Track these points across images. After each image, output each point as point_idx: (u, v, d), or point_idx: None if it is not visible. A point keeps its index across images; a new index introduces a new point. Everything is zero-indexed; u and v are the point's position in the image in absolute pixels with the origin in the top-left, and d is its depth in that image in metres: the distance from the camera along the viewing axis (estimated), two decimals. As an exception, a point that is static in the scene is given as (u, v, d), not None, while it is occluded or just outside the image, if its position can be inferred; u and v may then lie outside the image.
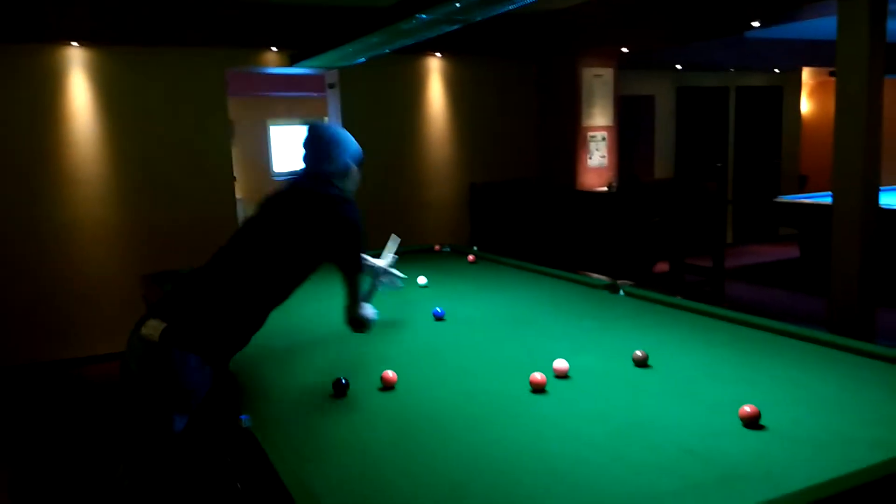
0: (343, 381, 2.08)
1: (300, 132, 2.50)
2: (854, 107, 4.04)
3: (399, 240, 3.09)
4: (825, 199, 6.44)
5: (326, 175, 2.35)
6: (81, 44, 5.31)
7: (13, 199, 5.24)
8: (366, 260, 2.77)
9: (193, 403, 2.02)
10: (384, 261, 2.92)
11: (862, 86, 4.00)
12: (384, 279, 2.87)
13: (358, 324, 2.39)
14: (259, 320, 2.24)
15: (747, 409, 1.77)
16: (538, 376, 2.06)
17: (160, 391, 2.03)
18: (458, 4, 3.13)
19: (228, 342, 2.16)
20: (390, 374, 2.14)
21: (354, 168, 2.44)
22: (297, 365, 2.42)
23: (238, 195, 7.84)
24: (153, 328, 2.06)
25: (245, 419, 1.77)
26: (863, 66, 3.99)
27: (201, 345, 2.06)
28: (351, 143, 2.43)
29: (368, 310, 2.42)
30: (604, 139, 7.08)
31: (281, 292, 2.27)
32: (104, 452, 3.81)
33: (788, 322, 2.62)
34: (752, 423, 1.75)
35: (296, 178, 2.38)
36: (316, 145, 2.37)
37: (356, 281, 2.35)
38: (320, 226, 2.26)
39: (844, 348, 2.31)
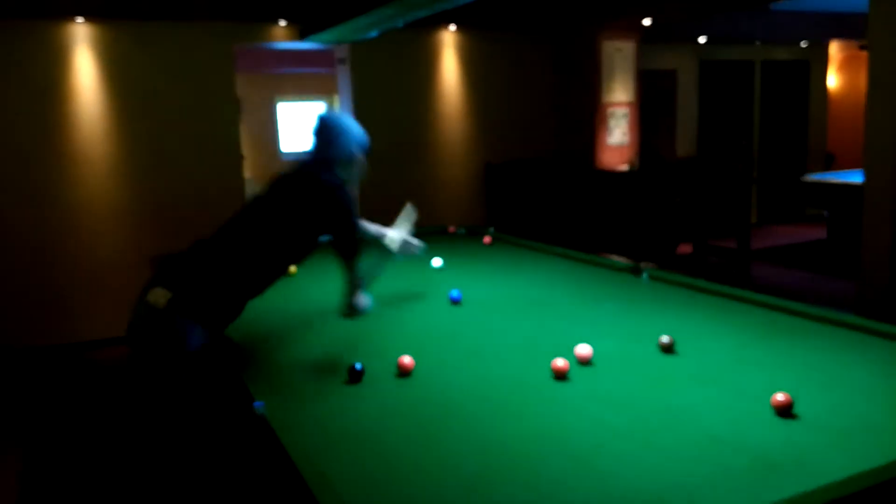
0: (357, 367, 2.04)
1: (309, 109, 2.63)
2: (887, 80, 3.88)
3: (414, 210, 3.07)
4: (855, 178, 6.27)
5: (330, 161, 2.47)
6: (87, 19, 5.25)
7: (18, 179, 5.21)
8: (378, 230, 2.87)
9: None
10: (398, 231, 2.93)
11: (896, 58, 3.84)
12: (399, 248, 2.88)
13: (351, 311, 2.41)
14: (256, 292, 2.38)
15: (780, 397, 1.70)
16: (560, 362, 2.00)
17: (163, 355, 2.20)
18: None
19: (227, 312, 2.30)
20: (407, 359, 2.09)
21: (359, 156, 2.55)
22: (312, 350, 2.38)
23: (246, 174, 7.82)
24: (160, 296, 2.18)
25: (259, 406, 1.74)
26: (897, 37, 3.83)
27: (203, 314, 2.20)
28: (356, 132, 2.54)
29: (364, 299, 2.42)
30: (625, 116, 6.93)
31: (277, 268, 2.43)
32: (114, 436, 3.82)
33: (816, 305, 2.53)
34: (784, 412, 1.68)
35: (302, 162, 2.51)
36: (323, 133, 2.50)
37: (352, 266, 2.41)
38: (315, 209, 2.39)
39: (877, 333, 2.22)
